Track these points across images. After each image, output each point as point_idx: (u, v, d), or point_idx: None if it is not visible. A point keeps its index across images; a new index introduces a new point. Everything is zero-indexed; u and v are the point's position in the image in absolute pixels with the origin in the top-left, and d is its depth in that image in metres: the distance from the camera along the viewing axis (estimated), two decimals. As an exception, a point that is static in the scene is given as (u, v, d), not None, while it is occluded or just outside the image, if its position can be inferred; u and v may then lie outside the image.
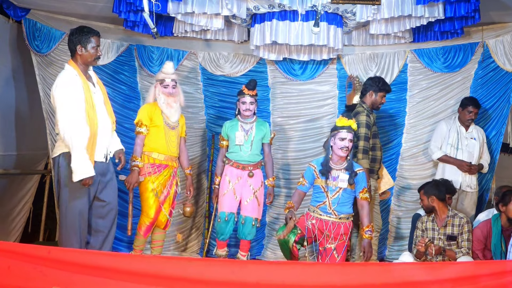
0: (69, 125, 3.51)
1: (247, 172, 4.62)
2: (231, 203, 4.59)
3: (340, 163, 4.12)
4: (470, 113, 4.93)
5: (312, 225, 4.11)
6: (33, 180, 5.58)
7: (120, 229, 5.17)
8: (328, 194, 4.10)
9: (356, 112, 4.56)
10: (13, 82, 5.10)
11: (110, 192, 3.82)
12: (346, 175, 4.06)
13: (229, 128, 4.71)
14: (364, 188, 4.08)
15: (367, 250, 3.98)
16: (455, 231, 4.15)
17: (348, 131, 4.06)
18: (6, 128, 4.99)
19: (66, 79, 3.61)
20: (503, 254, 4.06)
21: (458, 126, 5.00)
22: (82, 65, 3.69)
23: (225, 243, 4.67)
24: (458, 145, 4.95)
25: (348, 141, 4.05)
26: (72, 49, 3.68)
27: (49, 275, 2.92)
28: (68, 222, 3.63)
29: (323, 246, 4.09)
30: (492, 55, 5.10)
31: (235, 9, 4.54)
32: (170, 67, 4.55)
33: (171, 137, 4.47)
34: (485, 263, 3.70)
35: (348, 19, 4.85)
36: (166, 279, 3.00)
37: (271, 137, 4.84)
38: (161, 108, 4.45)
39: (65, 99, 3.55)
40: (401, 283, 3.06)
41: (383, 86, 4.63)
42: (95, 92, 3.72)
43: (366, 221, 4.04)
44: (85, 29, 3.70)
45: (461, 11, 4.41)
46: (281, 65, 5.46)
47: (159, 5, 4.28)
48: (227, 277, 3.02)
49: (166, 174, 4.45)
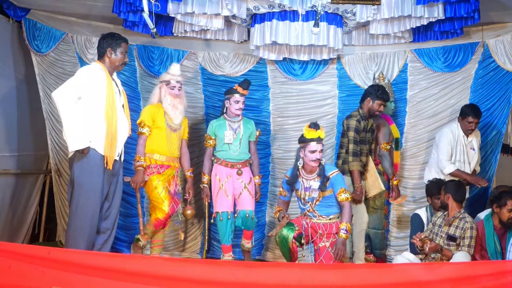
0: (67, 95, 3.56)
1: (235, 170, 4.69)
2: (226, 202, 4.64)
3: (312, 172, 4.14)
4: (470, 123, 4.74)
5: (306, 223, 4.17)
6: (38, 182, 5.58)
7: (121, 229, 5.19)
8: (309, 203, 4.15)
9: (349, 116, 4.70)
10: (13, 83, 5.10)
11: (117, 194, 3.88)
12: (318, 183, 4.09)
13: (216, 127, 4.75)
14: (341, 189, 4.06)
15: (338, 247, 3.98)
16: (457, 233, 4.12)
17: (317, 142, 4.08)
18: (7, 128, 4.99)
19: (90, 70, 3.74)
20: (498, 254, 4.04)
21: (461, 137, 4.81)
22: (109, 68, 3.81)
23: (229, 247, 4.69)
24: (463, 159, 4.81)
25: (318, 153, 4.07)
26: (102, 52, 3.81)
27: (49, 275, 2.93)
28: (77, 224, 3.62)
29: (317, 245, 4.13)
30: (492, 54, 5.10)
31: (235, 9, 4.55)
32: (176, 69, 4.62)
33: (172, 139, 4.52)
34: (485, 263, 3.69)
35: (348, 19, 4.85)
36: (166, 279, 3.01)
37: (257, 135, 4.93)
38: (166, 109, 4.49)
39: (78, 77, 3.66)
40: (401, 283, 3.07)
41: (381, 95, 4.68)
42: (117, 93, 3.81)
43: (344, 219, 4.04)
44: (116, 35, 3.89)
45: (461, 11, 4.42)
46: (281, 65, 5.46)
47: (159, 5, 4.28)
48: (227, 277, 3.03)
49: (169, 174, 4.51)
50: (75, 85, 3.61)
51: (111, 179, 3.76)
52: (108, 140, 3.65)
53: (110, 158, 3.66)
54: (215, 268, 3.21)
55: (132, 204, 5.34)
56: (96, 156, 3.63)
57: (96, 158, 3.63)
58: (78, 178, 3.62)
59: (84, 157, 3.60)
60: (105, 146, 3.64)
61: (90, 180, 3.62)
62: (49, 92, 4.80)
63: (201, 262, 4.15)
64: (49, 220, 5.66)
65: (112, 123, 3.67)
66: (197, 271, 3.10)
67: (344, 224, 4.01)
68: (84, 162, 3.60)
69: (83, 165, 3.60)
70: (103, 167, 3.66)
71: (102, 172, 3.65)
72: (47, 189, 5.63)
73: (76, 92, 3.59)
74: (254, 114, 5.40)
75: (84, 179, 3.60)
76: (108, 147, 3.64)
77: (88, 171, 3.61)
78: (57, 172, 5.37)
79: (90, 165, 3.61)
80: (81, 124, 3.57)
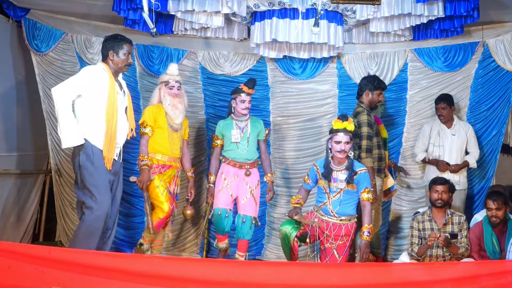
0: (65, 92, 3.57)
1: (244, 171, 4.63)
2: (226, 199, 4.59)
3: (341, 164, 4.12)
4: (437, 110, 4.99)
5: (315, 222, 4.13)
6: (38, 182, 5.57)
7: (122, 228, 5.19)
8: (329, 196, 4.11)
9: (357, 112, 4.58)
10: (13, 82, 5.10)
11: (118, 193, 3.89)
12: (345, 175, 4.06)
13: (223, 127, 4.73)
14: (366, 189, 4.06)
15: (363, 251, 3.98)
16: (455, 229, 4.15)
17: (344, 133, 4.07)
18: (7, 128, 4.99)
19: (93, 69, 3.75)
20: (496, 254, 4.04)
21: (440, 124, 5.01)
22: (113, 69, 3.81)
23: (225, 236, 4.67)
24: (439, 143, 4.96)
25: (344, 144, 4.05)
26: (105, 54, 3.82)
27: (49, 275, 2.93)
28: (93, 224, 3.57)
29: (324, 246, 4.10)
30: (492, 54, 5.10)
31: (235, 7, 4.54)
32: (175, 69, 4.62)
33: (174, 139, 4.52)
34: (485, 263, 3.68)
35: (348, 17, 4.84)
36: (166, 279, 3.01)
37: (266, 134, 4.88)
38: (166, 110, 4.50)
39: (80, 76, 3.68)
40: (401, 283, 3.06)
41: (378, 84, 4.65)
42: (120, 94, 3.81)
43: (366, 221, 4.03)
44: (119, 36, 3.88)
45: (461, 10, 4.43)
46: (281, 64, 5.46)
47: (159, 4, 4.29)
48: (227, 277, 3.02)
49: (170, 174, 4.52)
50: (76, 83, 3.63)
51: (112, 178, 3.77)
52: (107, 140, 3.65)
53: (109, 158, 3.66)
54: (215, 268, 3.21)
55: (133, 203, 5.35)
56: (99, 153, 3.64)
57: (100, 155, 3.64)
58: (88, 179, 3.60)
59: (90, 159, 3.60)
60: (104, 146, 3.64)
61: (100, 178, 3.62)
62: (49, 92, 4.80)
63: (201, 262, 4.15)
64: (49, 220, 5.66)
65: (112, 124, 3.67)
66: (197, 271, 3.10)
67: (366, 226, 4.00)
68: (89, 162, 3.60)
69: (89, 165, 3.60)
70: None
71: (106, 169, 3.67)
72: (47, 189, 5.63)
73: (75, 90, 3.60)
74: (254, 113, 5.38)
75: (93, 179, 3.60)
76: (106, 147, 3.65)
77: (96, 169, 3.61)
78: (57, 172, 5.37)
79: (96, 164, 3.62)
80: (75, 122, 3.58)
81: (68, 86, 3.61)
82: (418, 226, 4.26)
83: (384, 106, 5.33)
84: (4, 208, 4.96)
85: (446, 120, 4.97)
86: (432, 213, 4.26)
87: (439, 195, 4.20)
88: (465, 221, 4.21)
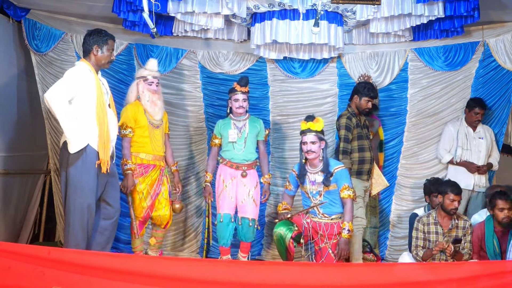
0: (61, 97, 3.48)
1: (240, 172, 4.59)
2: (228, 204, 4.55)
3: (315, 166, 4.12)
4: (476, 115, 4.98)
5: (307, 223, 4.15)
6: (38, 182, 5.57)
7: (121, 229, 5.18)
8: (312, 199, 4.12)
9: (340, 116, 4.71)
10: (13, 82, 5.09)
11: (116, 194, 3.84)
12: (322, 177, 4.06)
13: (221, 126, 4.70)
14: (345, 185, 4.03)
15: (341, 248, 3.97)
16: (460, 234, 4.13)
17: (309, 133, 4.06)
18: (7, 128, 4.99)
19: (79, 71, 3.64)
20: (497, 255, 4.03)
21: (466, 127, 5.04)
22: (95, 66, 3.72)
23: (228, 249, 4.62)
24: (467, 146, 5.00)
25: (310, 144, 4.04)
26: (88, 49, 3.71)
27: (49, 275, 2.93)
28: (76, 217, 3.56)
29: (319, 246, 4.11)
30: (492, 54, 5.10)
31: (236, 8, 4.54)
32: (154, 65, 4.55)
33: (155, 136, 4.46)
34: (486, 263, 3.68)
35: (348, 18, 4.84)
36: (166, 279, 3.01)
37: (266, 134, 4.83)
38: (145, 106, 4.43)
39: (69, 78, 3.57)
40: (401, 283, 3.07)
41: (367, 92, 4.67)
42: (105, 93, 3.74)
43: (346, 218, 4.01)
44: (102, 31, 3.78)
45: (461, 10, 4.43)
46: (281, 63, 5.45)
47: (159, 5, 4.27)
48: (227, 277, 3.03)
49: (153, 175, 4.44)
50: (67, 87, 3.53)
51: (106, 179, 3.71)
52: (101, 143, 3.59)
53: (105, 161, 3.60)
54: (215, 268, 3.21)
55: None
56: (91, 154, 3.59)
57: (92, 156, 3.59)
58: (75, 177, 3.57)
59: (80, 156, 3.55)
60: (99, 149, 3.58)
61: (87, 178, 3.57)
62: (48, 92, 4.79)
63: (201, 262, 4.15)
64: (49, 220, 5.65)
65: (104, 126, 3.61)
66: (197, 271, 3.10)
67: (346, 223, 3.98)
68: (80, 161, 3.55)
69: (79, 164, 3.55)
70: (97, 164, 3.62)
71: (96, 169, 3.61)
72: (47, 189, 5.62)
73: (68, 93, 3.52)
74: (253, 113, 5.38)
75: (80, 177, 3.56)
76: (102, 149, 3.58)
77: (84, 169, 3.56)
78: (56, 172, 5.37)
79: (86, 163, 3.57)
80: (78, 125, 3.54)
81: (60, 91, 3.50)
82: (424, 229, 4.20)
83: (377, 113, 5.32)
84: (4, 208, 4.96)
85: (478, 124, 5.04)
86: (438, 217, 4.20)
87: (457, 204, 4.13)
88: (470, 226, 4.17)
